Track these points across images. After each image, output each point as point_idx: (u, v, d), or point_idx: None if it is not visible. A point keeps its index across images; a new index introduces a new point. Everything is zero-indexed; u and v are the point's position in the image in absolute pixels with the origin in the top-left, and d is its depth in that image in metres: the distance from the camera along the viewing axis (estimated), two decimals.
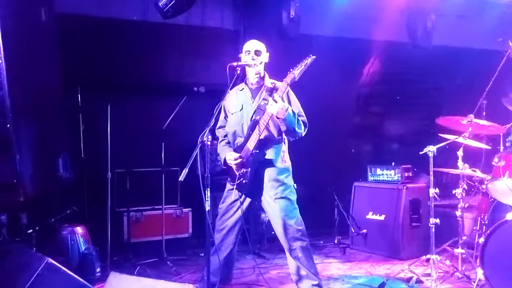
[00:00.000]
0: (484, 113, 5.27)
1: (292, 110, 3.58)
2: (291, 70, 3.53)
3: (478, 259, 3.75)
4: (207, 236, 3.51)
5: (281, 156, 3.74)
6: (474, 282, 3.77)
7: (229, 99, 3.80)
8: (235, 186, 3.72)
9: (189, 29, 5.92)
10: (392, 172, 5.44)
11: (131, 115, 5.61)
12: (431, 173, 4.15)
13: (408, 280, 4.28)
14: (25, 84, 4.73)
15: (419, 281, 4.21)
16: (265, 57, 3.75)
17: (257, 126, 3.58)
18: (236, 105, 3.77)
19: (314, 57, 3.52)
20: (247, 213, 3.87)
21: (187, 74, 5.93)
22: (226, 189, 3.90)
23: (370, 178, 5.66)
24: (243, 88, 3.81)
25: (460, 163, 4.35)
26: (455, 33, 6.75)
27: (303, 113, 3.74)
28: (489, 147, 4.50)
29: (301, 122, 3.65)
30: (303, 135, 3.70)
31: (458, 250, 4.30)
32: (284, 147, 3.80)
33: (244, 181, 3.66)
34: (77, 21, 5.26)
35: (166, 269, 4.72)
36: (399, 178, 5.36)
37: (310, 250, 3.75)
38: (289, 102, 3.67)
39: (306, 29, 6.11)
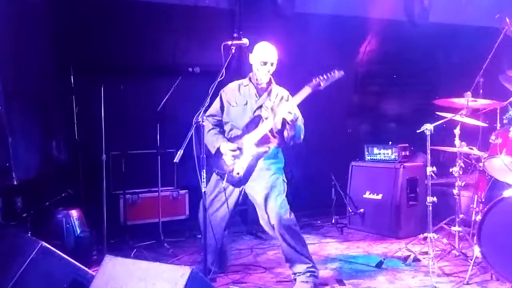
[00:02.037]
0: (481, 91, 5.23)
1: (301, 118, 3.62)
2: (317, 78, 3.49)
3: (475, 237, 3.75)
4: (204, 217, 3.48)
5: (277, 152, 3.74)
6: (471, 259, 3.77)
7: (230, 91, 3.77)
8: (225, 178, 3.64)
9: (184, 9, 5.81)
10: (389, 151, 5.42)
11: (125, 96, 5.53)
12: (428, 151, 4.13)
13: (405, 258, 4.30)
14: (17, 66, 4.66)
15: (416, 259, 4.23)
16: (275, 64, 3.68)
17: (262, 123, 3.57)
18: (240, 99, 3.73)
19: (343, 73, 3.50)
20: (238, 200, 3.78)
21: (182, 55, 5.85)
22: (213, 178, 3.78)
23: (367, 157, 5.64)
24: (247, 84, 3.76)
25: (457, 141, 4.33)
26: (452, 10, 6.65)
27: (302, 123, 3.69)
28: (486, 125, 4.46)
29: (302, 127, 3.66)
30: (300, 141, 3.69)
31: (455, 228, 4.31)
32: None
33: (237, 173, 3.61)
34: (69, 2, 5.15)
35: (163, 251, 4.72)
36: (396, 157, 5.34)
37: (300, 235, 3.74)
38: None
39: (302, 7, 6.03)
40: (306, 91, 3.53)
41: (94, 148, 4.64)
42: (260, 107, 3.66)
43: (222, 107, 3.79)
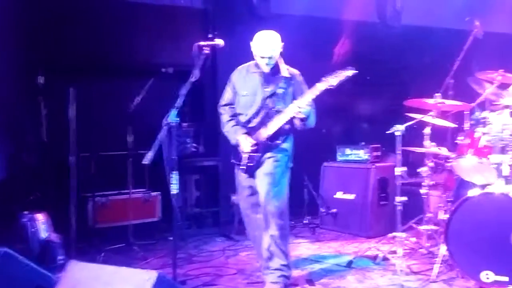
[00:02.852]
0: (450, 92, 5.31)
1: (312, 107, 3.62)
2: (326, 77, 3.48)
3: (442, 236, 3.80)
4: (174, 219, 3.46)
5: (288, 142, 3.74)
6: (438, 257, 3.83)
7: (239, 79, 3.75)
8: (242, 169, 3.72)
9: (157, 8, 5.77)
10: (361, 151, 5.46)
11: (96, 97, 5.46)
12: (399, 152, 4.17)
13: (375, 257, 4.34)
14: None
15: (385, 259, 4.27)
16: (279, 52, 3.63)
17: (277, 117, 3.57)
18: (248, 87, 3.70)
19: (356, 71, 3.50)
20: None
21: (155, 55, 5.80)
22: (236, 176, 3.84)
23: (339, 158, 5.68)
24: (254, 71, 3.71)
25: (427, 141, 4.39)
26: (424, 13, 6.76)
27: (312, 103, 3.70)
28: (455, 125, 4.53)
29: (314, 115, 3.69)
30: (313, 125, 3.75)
31: (423, 227, 4.37)
32: (291, 136, 3.78)
33: (250, 164, 3.67)
34: (39, 0, 5.06)
35: (133, 255, 4.64)
36: (368, 158, 5.39)
37: (287, 231, 3.71)
38: (301, 91, 3.65)
39: (277, 8, 6.05)
40: (318, 89, 3.50)
41: (63, 150, 4.55)
42: (270, 96, 3.62)
43: (235, 95, 3.78)
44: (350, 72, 3.46)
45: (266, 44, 3.56)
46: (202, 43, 3.48)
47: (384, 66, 6.91)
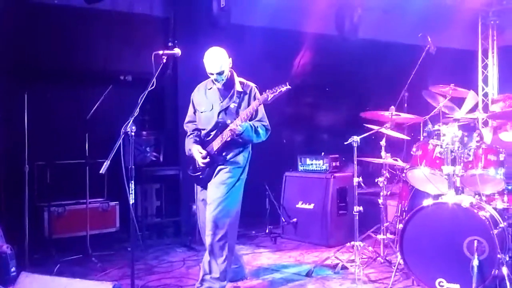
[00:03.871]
0: (405, 105, 5.50)
1: (251, 125, 3.68)
2: (267, 91, 3.55)
3: (397, 244, 3.92)
4: (132, 230, 3.41)
5: (241, 155, 3.79)
6: (395, 266, 3.94)
7: (197, 96, 3.91)
8: (195, 180, 3.86)
9: (116, 15, 5.69)
10: (321, 161, 5.56)
11: (52, 103, 5.33)
12: (355, 162, 4.28)
13: (334, 266, 4.41)
14: None
15: (344, 267, 4.36)
16: (228, 67, 3.75)
17: (224, 131, 3.67)
18: (206, 104, 3.82)
19: (290, 87, 3.56)
20: None
21: (114, 62, 5.72)
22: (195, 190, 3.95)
23: (300, 168, 5.76)
24: (211, 87, 3.83)
25: (383, 152, 4.53)
26: (381, 28, 6.98)
27: (265, 119, 3.84)
28: (408, 138, 4.69)
29: (261, 129, 3.76)
30: (264, 139, 3.84)
31: (380, 236, 4.49)
32: (247, 149, 3.85)
33: (201, 176, 3.80)
34: None
35: (91, 266, 4.54)
36: (327, 168, 5.49)
37: (225, 249, 3.68)
38: (256, 109, 3.73)
39: (238, 19, 6.08)
40: (255, 104, 3.64)
41: (17, 158, 4.40)
42: (223, 110, 3.74)
43: (195, 112, 3.92)
44: (284, 88, 3.55)
45: (212, 61, 3.69)
46: (160, 52, 3.48)
47: (342, 78, 7.09)
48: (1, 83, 4.84)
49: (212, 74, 3.71)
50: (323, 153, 5.63)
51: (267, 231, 5.73)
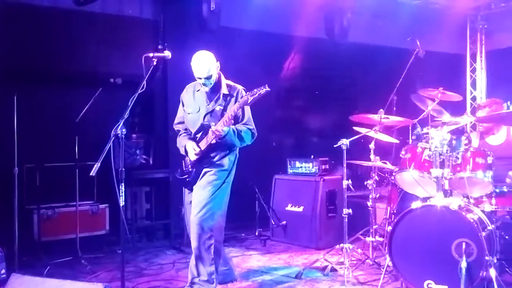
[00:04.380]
0: (394, 108, 5.56)
1: (233, 129, 3.70)
2: (247, 93, 3.58)
3: (386, 247, 3.95)
4: (122, 233, 3.40)
5: (227, 158, 3.80)
6: (383, 268, 3.97)
7: (186, 97, 3.92)
8: (182, 183, 3.88)
9: (105, 17, 5.68)
10: (310, 164, 5.59)
11: (42, 106, 5.30)
12: (345, 165, 4.31)
13: (323, 268, 4.44)
14: None
15: (333, 269, 4.38)
16: (216, 71, 3.76)
17: (208, 133, 3.68)
18: (193, 106, 3.84)
19: (269, 89, 3.56)
20: None
21: (103, 65, 5.70)
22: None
23: (290, 170, 5.79)
24: (199, 89, 3.85)
25: (372, 155, 4.56)
26: (370, 32, 7.05)
27: (251, 122, 3.86)
28: (397, 141, 4.73)
29: (245, 134, 3.78)
30: (249, 143, 3.86)
31: (369, 239, 4.52)
32: (234, 152, 3.86)
33: (187, 179, 3.82)
34: None
35: (80, 268, 4.52)
36: (317, 171, 5.52)
37: (211, 252, 3.69)
38: (242, 110, 3.77)
39: (227, 21, 6.09)
40: (235, 106, 3.64)
41: (6, 161, 4.37)
42: (209, 113, 3.76)
43: (184, 112, 3.94)
44: (264, 91, 3.56)
45: (200, 65, 3.71)
46: (150, 54, 3.49)
47: (332, 81, 7.14)
48: None
49: (200, 78, 3.73)
50: (312, 156, 5.66)
51: (256, 233, 5.75)
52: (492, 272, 3.47)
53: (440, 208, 3.69)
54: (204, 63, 3.69)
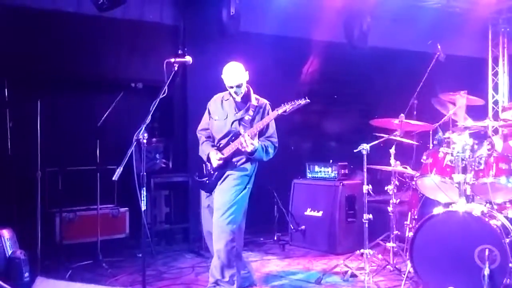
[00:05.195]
0: (415, 113, 5.50)
1: (262, 146, 3.79)
2: (284, 104, 3.69)
3: (407, 253, 3.91)
4: (143, 236, 3.44)
5: (249, 163, 3.87)
6: (404, 274, 3.93)
7: (214, 104, 4.01)
8: (201, 186, 3.95)
9: (127, 23, 5.76)
10: (329, 169, 5.56)
11: (64, 111, 5.39)
12: (365, 170, 4.28)
13: (343, 274, 4.40)
14: None
15: (353, 275, 4.34)
16: (245, 80, 3.88)
17: (236, 139, 3.77)
18: (221, 113, 3.95)
19: (308, 101, 3.68)
20: None
21: (124, 70, 5.77)
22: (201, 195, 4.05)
23: (309, 175, 5.76)
24: (228, 99, 3.96)
25: (392, 160, 4.52)
26: (390, 35, 6.99)
27: (275, 135, 3.96)
28: (417, 143, 4.67)
29: (270, 147, 3.87)
30: (271, 157, 3.92)
31: (390, 244, 4.47)
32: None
33: (207, 181, 3.89)
34: (6, 12, 4.98)
35: (101, 272, 4.56)
36: (336, 175, 5.49)
37: (233, 254, 3.73)
38: (267, 124, 3.85)
39: (247, 26, 6.12)
40: (273, 115, 3.75)
41: (29, 164, 4.45)
42: (237, 120, 3.86)
43: (210, 120, 4.03)
44: (303, 102, 3.67)
45: (232, 74, 3.83)
46: (171, 60, 3.54)
47: (351, 86, 7.10)
48: (14, 91, 4.90)
49: (232, 87, 3.84)
50: (331, 161, 5.63)
51: (275, 238, 5.73)
52: None
53: (463, 214, 3.64)
54: (236, 72, 3.83)
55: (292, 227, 5.66)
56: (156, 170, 5.75)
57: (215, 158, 3.83)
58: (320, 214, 5.46)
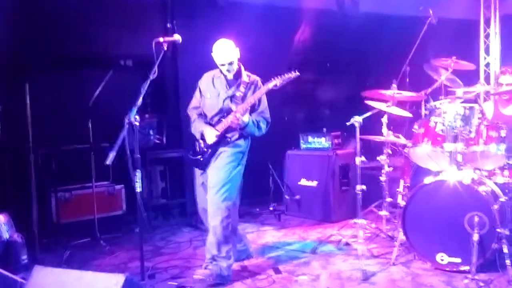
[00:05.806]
0: (407, 79, 5.49)
1: (253, 120, 3.79)
2: (274, 78, 3.68)
3: (400, 221, 3.98)
4: (139, 215, 3.49)
5: (242, 139, 3.89)
6: (396, 241, 4.01)
7: (205, 83, 3.98)
8: (195, 163, 3.95)
9: None
10: (323, 139, 5.59)
11: (53, 91, 5.33)
12: (358, 142, 4.29)
13: (338, 242, 4.49)
14: None
15: (347, 244, 4.43)
16: (237, 57, 3.84)
17: (229, 115, 3.77)
18: (213, 91, 3.93)
19: (299, 74, 3.68)
20: None
21: (113, 46, 5.68)
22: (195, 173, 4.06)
23: (303, 145, 5.80)
24: (219, 76, 3.93)
25: (384, 129, 4.53)
26: (381, 1, 6.88)
27: (267, 111, 3.95)
28: (410, 115, 4.68)
29: (262, 123, 3.89)
30: (264, 133, 3.93)
31: (382, 213, 4.55)
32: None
33: (201, 159, 3.88)
34: None
35: (99, 249, 4.63)
36: (330, 145, 5.52)
37: (229, 230, 3.76)
38: (259, 99, 3.86)
39: None
40: (264, 89, 3.75)
41: (21, 146, 4.44)
42: (229, 97, 3.85)
43: (201, 98, 4.01)
44: (294, 75, 3.68)
45: (223, 52, 3.79)
46: (160, 39, 3.50)
47: (343, 53, 7.03)
48: (1, 74, 4.83)
49: (224, 65, 3.81)
50: (325, 130, 5.64)
51: (271, 208, 5.81)
52: (504, 244, 3.49)
53: (453, 183, 3.69)
54: (226, 49, 3.78)
55: (287, 197, 5.73)
56: (150, 146, 5.75)
57: (212, 135, 3.83)
58: (314, 183, 5.53)
